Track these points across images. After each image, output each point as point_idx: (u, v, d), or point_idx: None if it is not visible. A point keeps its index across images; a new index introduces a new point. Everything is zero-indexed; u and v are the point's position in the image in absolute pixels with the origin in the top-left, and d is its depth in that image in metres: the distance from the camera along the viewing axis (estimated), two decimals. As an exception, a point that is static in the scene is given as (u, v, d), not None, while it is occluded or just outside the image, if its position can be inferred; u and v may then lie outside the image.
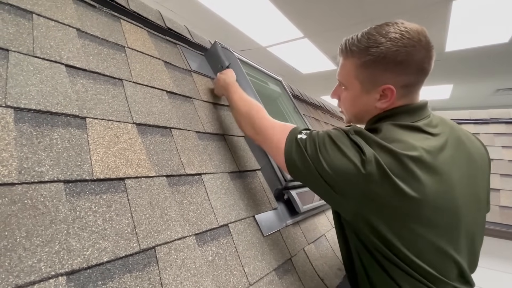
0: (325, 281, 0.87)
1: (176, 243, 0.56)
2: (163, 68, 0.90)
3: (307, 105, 2.30)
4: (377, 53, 0.59)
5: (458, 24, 2.60)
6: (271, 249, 0.78)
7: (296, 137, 0.63)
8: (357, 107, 0.70)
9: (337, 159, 0.55)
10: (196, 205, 0.66)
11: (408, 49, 0.58)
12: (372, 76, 0.63)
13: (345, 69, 0.67)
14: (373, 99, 0.65)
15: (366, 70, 0.63)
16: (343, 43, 0.67)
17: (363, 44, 0.61)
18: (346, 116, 0.77)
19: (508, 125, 2.48)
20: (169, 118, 0.77)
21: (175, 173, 0.66)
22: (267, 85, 1.43)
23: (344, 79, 0.69)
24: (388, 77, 0.61)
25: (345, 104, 0.73)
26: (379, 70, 0.61)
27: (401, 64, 0.59)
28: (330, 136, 0.59)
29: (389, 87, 0.61)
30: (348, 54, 0.65)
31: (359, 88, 0.66)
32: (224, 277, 0.60)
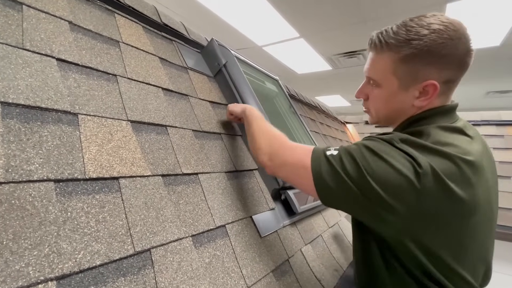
0: (322, 282, 0.86)
1: (172, 245, 0.54)
2: (158, 64, 0.87)
3: (302, 105, 2.30)
4: (420, 46, 0.54)
5: (451, 27, 2.63)
6: (269, 250, 0.76)
7: (325, 154, 0.55)
8: (391, 106, 0.63)
9: (384, 173, 0.48)
10: (192, 205, 0.64)
11: (454, 42, 0.54)
12: (413, 71, 0.57)
13: (380, 64, 0.60)
14: (411, 97, 0.60)
15: (406, 65, 0.57)
16: (374, 36, 0.62)
17: (402, 37, 0.56)
18: (373, 117, 0.70)
19: (498, 127, 2.53)
20: (165, 116, 0.75)
21: (171, 172, 0.64)
22: (264, 84, 1.41)
23: (377, 75, 0.62)
24: (431, 72, 0.56)
25: (376, 103, 0.66)
26: (422, 65, 0.56)
27: (445, 57, 0.55)
28: (368, 147, 0.52)
29: (432, 83, 0.56)
30: (384, 48, 0.59)
31: (397, 84, 0.60)
32: (221, 280, 0.58)
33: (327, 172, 0.53)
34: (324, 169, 0.54)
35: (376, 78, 0.62)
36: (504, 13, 2.37)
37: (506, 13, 2.38)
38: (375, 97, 0.65)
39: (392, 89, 0.61)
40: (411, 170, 0.47)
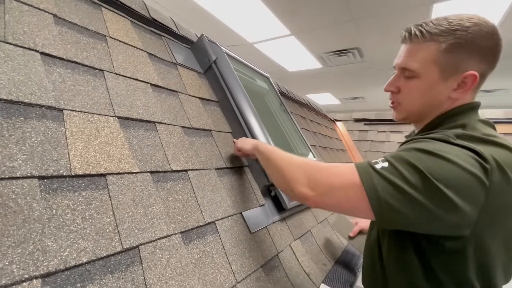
0: (311, 277, 0.88)
1: (161, 241, 0.54)
2: (147, 60, 0.86)
3: (293, 103, 2.31)
4: (464, 36, 0.54)
5: (438, 27, 2.69)
6: (258, 245, 0.77)
7: (374, 168, 0.50)
8: (428, 98, 0.61)
9: (452, 174, 0.44)
10: (182, 202, 0.64)
11: (493, 36, 0.55)
12: (456, 61, 0.56)
13: (420, 55, 0.59)
14: (449, 88, 0.59)
15: (450, 55, 0.56)
16: (412, 28, 0.61)
17: (445, 27, 0.56)
18: (403, 111, 0.67)
19: (481, 125, 2.61)
20: (154, 112, 0.74)
21: (159, 169, 0.64)
22: (255, 81, 1.41)
23: (417, 65, 0.60)
24: (472, 63, 0.56)
25: (410, 95, 0.63)
26: (465, 55, 0.55)
27: (485, 49, 0.55)
28: (423, 149, 0.48)
29: (473, 73, 0.56)
30: (426, 38, 0.58)
31: (437, 75, 0.58)
32: (211, 275, 0.58)
33: (384, 189, 0.47)
34: (379, 185, 0.47)
35: (415, 68, 0.60)
36: (489, 13, 2.44)
37: (491, 14, 2.45)
38: (411, 89, 0.63)
39: (432, 79, 0.59)
40: (478, 167, 0.45)
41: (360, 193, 0.48)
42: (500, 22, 2.56)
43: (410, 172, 0.46)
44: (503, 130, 2.50)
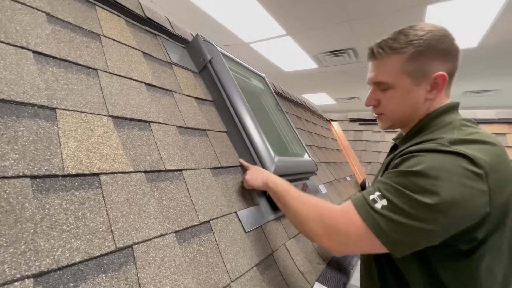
0: (305, 276, 0.88)
1: (155, 241, 0.54)
2: (141, 59, 0.86)
3: (289, 103, 2.32)
4: (421, 43, 0.60)
5: (432, 28, 2.73)
6: (253, 244, 0.78)
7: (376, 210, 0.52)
8: (407, 104, 0.66)
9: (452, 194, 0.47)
10: (176, 201, 0.64)
11: (448, 38, 0.61)
12: (422, 66, 0.62)
13: (388, 67, 0.65)
14: (423, 91, 0.64)
15: (414, 62, 0.62)
16: (374, 46, 0.67)
17: (402, 40, 0.62)
18: (388, 120, 0.72)
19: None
20: (148, 112, 0.74)
21: (154, 168, 0.64)
22: (250, 80, 1.42)
23: (389, 78, 0.65)
24: (436, 65, 0.62)
25: (391, 104, 0.68)
26: (428, 59, 0.61)
27: (445, 51, 0.62)
28: (417, 172, 0.50)
29: (441, 74, 0.61)
30: (389, 52, 0.64)
31: (409, 81, 0.64)
32: (205, 275, 0.59)
33: (393, 229, 0.49)
34: (387, 228, 0.50)
35: (388, 80, 0.66)
36: (481, 16, 2.48)
37: (483, 16, 2.49)
38: (390, 99, 0.68)
39: (405, 87, 0.64)
40: (473, 176, 0.48)
41: (374, 239, 0.51)
42: (492, 24, 2.60)
43: (411, 205, 0.48)
44: (495, 130, 2.54)
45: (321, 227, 0.58)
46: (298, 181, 1.23)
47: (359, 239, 0.53)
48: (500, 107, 2.82)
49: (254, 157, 0.96)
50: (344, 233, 0.55)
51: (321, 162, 1.97)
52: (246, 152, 0.98)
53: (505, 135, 2.47)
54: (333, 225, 0.57)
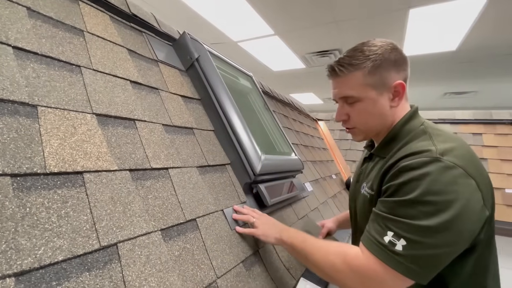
0: (291, 271, 0.90)
1: (140, 239, 0.54)
2: (127, 56, 0.85)
3: (276, 102, 2.34)
4: (377, 58, 0.67)
5: (414, 31, 2.82)
6: (239, 242, 0.79)
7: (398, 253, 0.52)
8: (375, 113, 0.71)
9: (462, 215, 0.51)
10: (162, 200, 0.64)
11: (397, 50, 0.69)
12: (381, 78, 0.68)
13: (352, 82, 0.69)
14: (387, 100, 0.70)
15: (374, 75, 0.67)
16: (334, 64, 0.72)
17: (360, 57, 0.68)
18: (360, 132, 0.76)
19: (452, 125, 2.77)
20: (133, 110, 0.73)
21: (139, 167, 0.63)
22: (238, 80, 1.42)
23: (354, 92, 0.70)
24: (393, 74, 0.68)
25: (361, 116, 0.73)
26: (385, 71, 0.67)
27: (398, 61, 0.68)
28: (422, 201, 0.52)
29: (400, 82, 0.68)
30: (349, 69, 0.69)
31: (374, 93, 0.69)
32: (191, 271, 0.59)
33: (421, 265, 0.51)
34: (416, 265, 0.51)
35: (354, 94, 0.70)
36: (460, 20, 2.59)
37: (462, 20, 2.60)
38: (359, 111, 0.72)
39: (371, 98, 0.69)
40: (471, 189, 0.53)
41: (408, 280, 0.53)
42: (470, 28, 2.72)
43: (430, 235, 0.51)
44: (472, 130, 2.66)
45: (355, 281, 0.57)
46: (285, 179, 1.25)
47: (395, 283, 0.54)
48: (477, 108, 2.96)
49: (241, 155, 0.97)
50: (380, 283, 0.55)
51: (307, 160, 2.01)
52: (233, 150, 0.99)
53: (481, 135, 2.60)
54: (367, 276, 0.56)
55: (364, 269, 0.56)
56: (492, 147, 2.50)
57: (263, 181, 1.03)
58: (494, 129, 2.59)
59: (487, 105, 5.68)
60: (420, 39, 3.01)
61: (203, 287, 0.59)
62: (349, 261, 0.58)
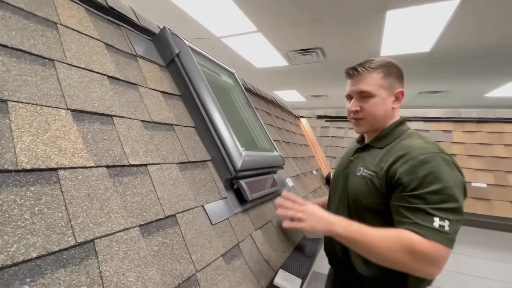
0: (270, 263, 0.93)
1: (118, 235, 0.54)
2: (104, 50, 0.83)
3: (259, 99, 2.35)
4: (391, 68, 0.87)
5: (391, 32, 2.93)
6: (219, 236, 0.80)
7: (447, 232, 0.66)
8: (382, 110, 0.88)
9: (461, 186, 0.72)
10: (141, 196, 0.64)
11: (398, 66, 0.90)
12: (390, 84, 0.87)
13: (370, 81, 0.86)
14: (391, 102, 0.89)
15: (387, 80, 0.86)
16: (356, 66, 0.89)
17: (377, 63, 0.86)
18: (367, 123, 0.91)
19: (425, 122, 2.92)
20: (110, 105, 0.72)
21: (117, 163, 0.63)
22: (220, 76, 1.42)
23: (371, 88, 0.86)
24: (397, 83, 0.88)
25: (371, 108, 0.88)
26: (393, 79, 0.87)
27: (401, 75, 0.90)
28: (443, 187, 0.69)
29: (401, 90, 0.88)
30: (369, 71, 0.86)
31: (384, 93, 0.86)
32: (170, 266, 0.60)
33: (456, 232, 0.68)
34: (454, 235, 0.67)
35: (371, 90, 0.86)
36: (434, 22, 2.72)
37: (435, 23, 2.73)
38: (371, 105, 0.88)
39: (382, 96, 0.87)
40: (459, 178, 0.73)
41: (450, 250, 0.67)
42: (443, 31, 2.86)
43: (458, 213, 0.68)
44: (443, 127, 2.82)
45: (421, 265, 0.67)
46: (266, 175, 1.28)
47: (447, 256, 0.67)
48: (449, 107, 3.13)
49: (222, 151, 0.98)
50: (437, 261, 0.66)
51: (289, 156, 2.05)
52: (214, 147, 1.00)
53: (451, 132, 2.75)
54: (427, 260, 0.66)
55: (428, 253, 0.65)
56: (461, 143, 2.66)
57: (244, 176, 1.05)
58: (462, 127, 2.76)
59: (458, 104, 6.02)
60: (397, 40, 3.13)
61: (182, 280, 0.60)
62: (412, 249, 0.66)
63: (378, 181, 0.80)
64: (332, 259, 0.99)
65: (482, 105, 5.84)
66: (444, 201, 0.68)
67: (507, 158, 2.46)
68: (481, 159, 2.52)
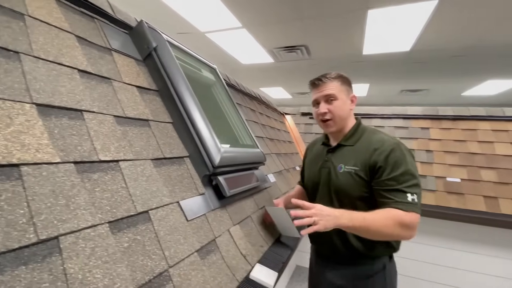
0: (247, 258, 0.94)
1: (85, 232, 0.53)
2: (75, 43, 0.80)
3: (243, 95, 2.35)
4: (344, 78, 1.10)
5: (372, 31, 3.00)
6: (195, 232, 0.80)
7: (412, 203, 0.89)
8: (346, 110, 1.09)
9: None
10: (111, 192, 0.63)
11: (347, 76, 1.12)
12: (347, 90, 1.10)
13: (335, 87, 1.07)
14: (349, 104, 1.10)
15: (344, 87, 1.09)
16: (320, 77, 1.09)
17: (336, 75, 1.08)
18: (335, 123, 1.08)
19: (405, 120, 3.01)
20: (81, 100, 0.70)
21: (86, 159, 0.62)
22: (201, 71, 1.41)
23: (337, 92, 1.06)
24: (351, 90, 1.12)
25: (336, 110, 1.07)
26: (347, 87, 1.10)
27: (350, 83, 1.12)
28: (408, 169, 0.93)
29: (354, 95, 1.12)
30: (331, 80, 1.08)
31: (344, 97, 1.08)
32: (141, 262, 0.60)
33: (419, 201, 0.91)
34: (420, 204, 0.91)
35: (335, 93, 1.06)
36: (413, 22, 2.80)
37: (414, 23, 2.81)
38: (336, 107, 1.07)
39: (343, 99, 1.08)
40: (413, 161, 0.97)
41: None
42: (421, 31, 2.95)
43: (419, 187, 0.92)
44: (421, 124, 2.92)
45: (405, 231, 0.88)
46: (247, 170, 1.29)
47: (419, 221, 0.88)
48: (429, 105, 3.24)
49: (200, 148, 0.98)
50: (415, 226, 0.88)
51: (272, 153, 2.07)
52: (192, 143, 0.99)
53: (428, 129, 2.86)
54: (410, 227, 0.88)
55: (411, 222, 0.87)
56: (437, 140, 2.77)
57: (223, 172, 1.05)
58: (439, 124, 2.87)
59: (437, 102, 6.24)
60: (379, 39, 3.20)
61: (154, 276, 0.60)
62: (402, 222, 0.87)
63: (363, 173, 0.99)
64: (325, 245, 1.12)
65: (459, 103, 6.09)
66: (409, 180, 0.91)
67: (480, 154, 2.58)
68: (456, 155, 2.63)
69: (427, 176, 2.58)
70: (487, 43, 3.10)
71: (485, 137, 2.65)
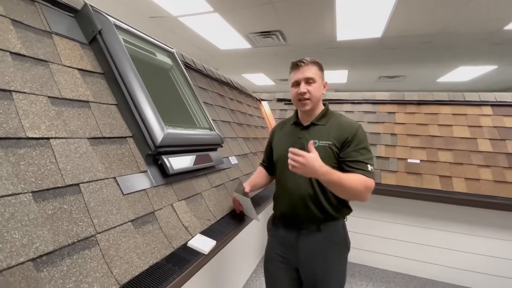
0: (189, 229, 1.02)
1: (5, 199, 0.59)
2: (8, 26, 0.82)
3: (211, 80, 2.37)
4: (320, 65, 1.26)
5: (343, 17, 3.04)
6: (131, 205, 0.87)
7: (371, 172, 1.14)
8: (320, 93, 1.25)
9: None
10: (37, 166, 0.68)
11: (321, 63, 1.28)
12: (321, 75, 1.26)
13: (314, 71, 1.22)
14: (322, 89, 1.27)
15: (320, 72, 1.25)
16: (302, 59, 1.23)
17: (314, 60, 1.24)
18: (312, 102, 1.23)
19: (374, 105, 3.13)
20: (10, 81, 0.74)
21: (11, 135, 0.66)
22: (155, 55, 1.44)
23: (315, 76, 1.22)
24: (323, 76, 1.28)
25: (314, 91, 1.22)
26: (322, 73, 1.27)
27: (323, 70, 1.28)
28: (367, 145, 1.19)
29: (326, 82, 1.30)
30: (312, 64, 1.23)
31: (320, 81, 1.24)
32: (65, 227, 0.66)
33: None
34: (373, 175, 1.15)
35: (315, 77, 1.22)
36: (380, 8, 2.85)
37: (382, 9, 2.87)
38: (315, 89, 1.23)
39: (320, 83, 1.25)
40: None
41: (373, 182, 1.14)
42: (390, 16, 3.01)
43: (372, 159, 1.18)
44: (388, 109, 3.04)
45: (367, 193, 1.11)
46: (200, 152, 1.35)
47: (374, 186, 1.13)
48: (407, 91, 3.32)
49: (143, 128, 1.03)
50: (371, 190, 1.12)
51: (238, 137, 2.13)
52: (135, 124, 1.04)
53: (394, 114, 2.99)
54: (370, 190, 1.12)
55: (371, 186, 1.12)
56: (402, 124, 2.90)
57: (169, 152, 1.11)
58: (405, 109, 3.00)
59: (414, 88, 6.42)
60: (350, 25, 3.26)
61: (78, 239, 0.67)
62: (366, 185, 1.10)
63: (335, 147, 1.19)
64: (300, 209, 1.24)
65: (435, 89, 6.29)
66: (367, 153, 1.17)
67: (439, 136, 2.73)
68: (417, 138, 2.77)
69: (389, 158, 2.73)
70: (451, 30, 3.21)
71: (445, 120, 2.80)
